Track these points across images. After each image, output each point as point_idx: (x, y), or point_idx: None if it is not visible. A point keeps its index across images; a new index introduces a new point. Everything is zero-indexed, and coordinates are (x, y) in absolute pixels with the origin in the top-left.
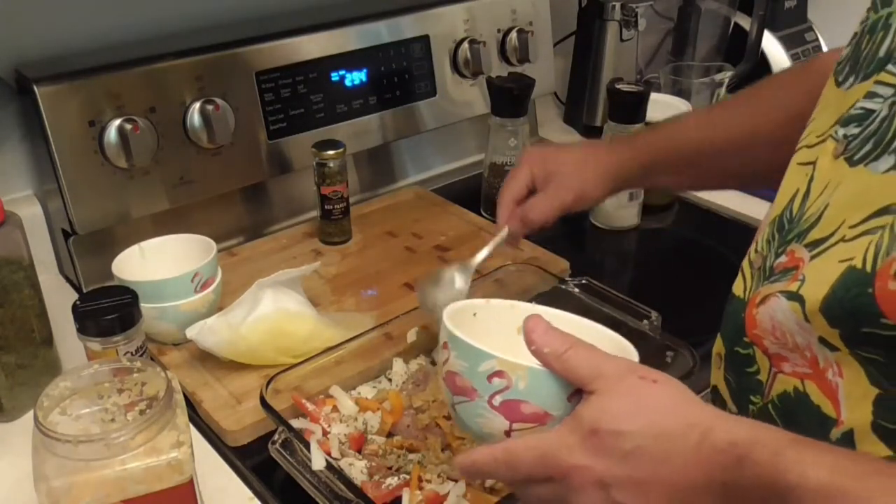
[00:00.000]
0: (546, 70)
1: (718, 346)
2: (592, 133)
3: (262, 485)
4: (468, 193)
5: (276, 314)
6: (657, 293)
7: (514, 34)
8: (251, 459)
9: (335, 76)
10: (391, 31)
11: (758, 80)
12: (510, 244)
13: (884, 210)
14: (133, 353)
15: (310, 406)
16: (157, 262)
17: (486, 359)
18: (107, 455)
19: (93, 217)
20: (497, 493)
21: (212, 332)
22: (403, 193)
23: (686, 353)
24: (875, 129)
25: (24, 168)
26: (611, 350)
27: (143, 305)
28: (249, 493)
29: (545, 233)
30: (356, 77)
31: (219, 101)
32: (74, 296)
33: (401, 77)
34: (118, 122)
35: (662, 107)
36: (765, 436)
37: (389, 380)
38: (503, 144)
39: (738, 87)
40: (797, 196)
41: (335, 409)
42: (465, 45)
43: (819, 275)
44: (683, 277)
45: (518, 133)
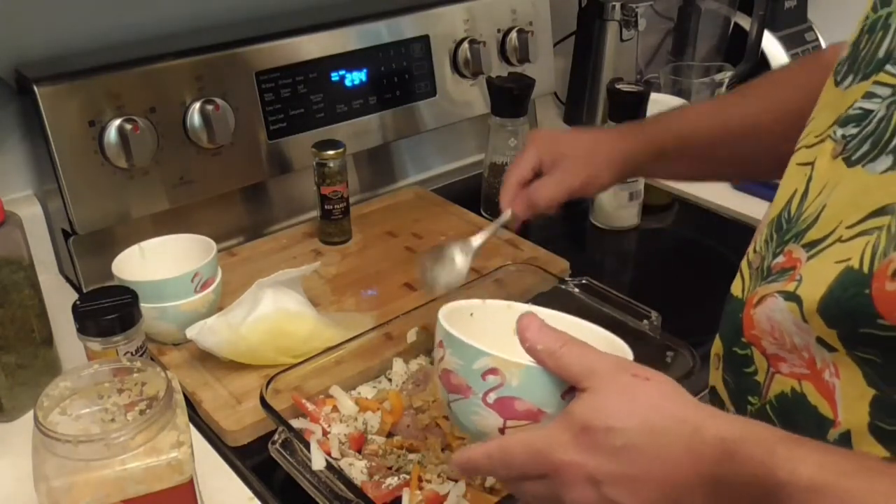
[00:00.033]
0: (546, 70)
1: (717, 347)
2: None
3: (262, 485)
4: (468, 193)
5: (276, 314)
6: (657, 293)
7: (514, 34)
8: (251, 459)
9: (335, 76)
10: (391, 31)
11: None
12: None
13: (881, 210)
14: (133, 353)
15: (310, 406)
16: (157, 262)
17: (480, 356)
18: (107, 455)
19: (93, 217)
20: (497, 493)
21: (212, 332)
22: (403, 193)
23: (686, 354)
24: (873, 130)
25: (24, 168)
26: (605, 349)
27: (143, 305)
28: (249, 493)
29: (545, 233)
30: (356, 77)
31: (219, 101)
32: (74, 296)
33: (401, 77)
34: (118, 122)
35: (662, 107)
36: (755, 432)
37: (389, 380)
38: (503, 144)
39: None
40: (795, 196)
41: (335, 409)
42: (465, 45)
43: (816, 275)
44: (683, 277)
45: (518, 133)
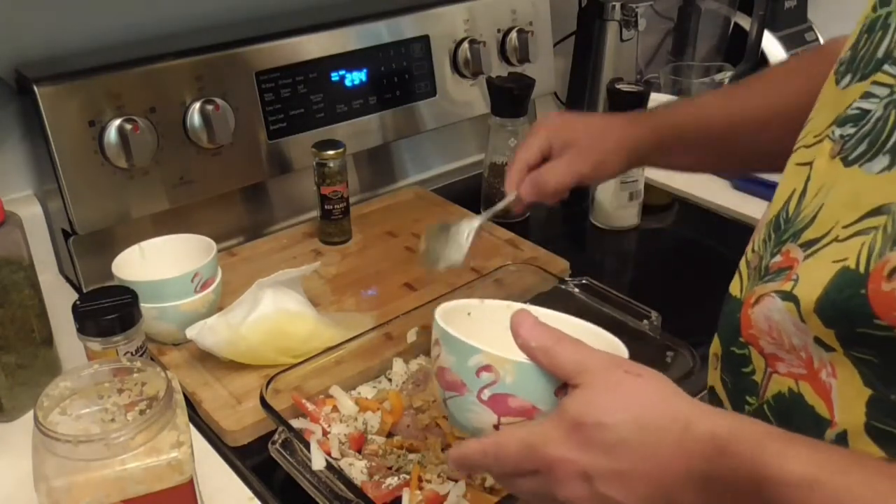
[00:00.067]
0: (546, 70)
1: (715, 347)
2: None
3: (262, 485)
4: (468, 193)
5: (276, 314)
6: (657, 293)
7: (514, 34)
8: (251, 459)
9: (335, 76)
10: (391, 31)
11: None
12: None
13: (877, 210)
14: (133, 353)
15: (310, 406)
16: (157, 262)
17: (474, 353)
18: (107, 455)
19: (93, 217)
20: (497, 493)
21: (212, 332)
22: (403, 193)
23: (686, 354)
24: (870, 130)
25: (24, 168)
26: (600, 347)
27: (143, 305)
28: (249, 493)
29: (545, 233)
30: (356, 77)
31: (219, 101)
32: (74, 296)
33: (401, 77)
34: (118, 122)
35: None
36: (746, 428)
37: (389, 380)
38: (503, 144)
39: None
40: (794, 196)
41: (335, 409)
42: (465, 45)
43: (812, 275)
44: (683, 277)
45: (518, 133)
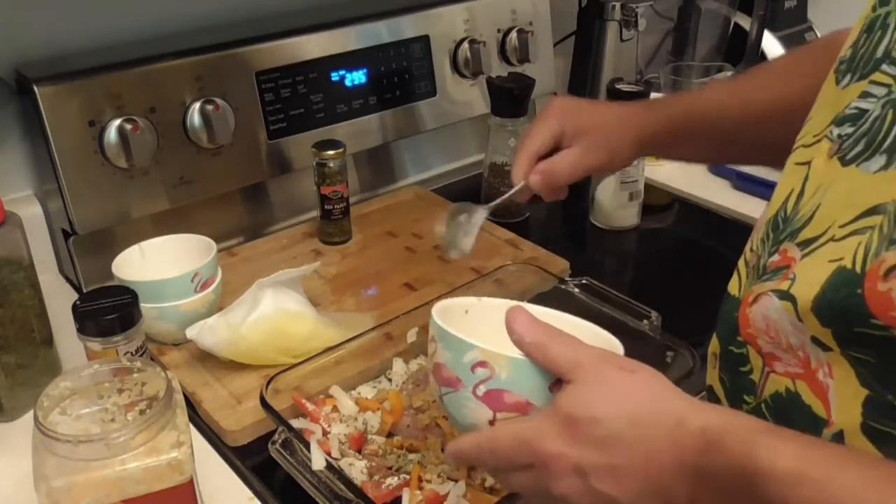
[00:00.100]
0: (546, 70)
1: (714, 346)
2: None
3: (262, 485)
4: (468, 193)
5: (276, 314)
6: (657, 293)
7: (514, 34)
8: (251, 459)
9: (335, 76)
10: (391, 31)
11: None
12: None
13: (873, 210)
14: (133, 353)
15: (310, 406)
16: (157, 262)
17: (469, 349)
18: (107, 455)
19: (93, 217)
20: (497, 493)
21: (212, 332)
22: (403, 193)
23: (686, 353)
24: (867, 129)
25: (24, 168)
26: (596, 345)
27: (143, 305)
28: (249, 493)
29: (545, 233)
30: (356, 77)
31: (219, 101)
32: (74, 296)
33: (401, 77)
34: (118, 122)
35: None
36: (736, 423)
37: (389, 380)
38: (503, 144)
39: None
40: (792, 195)
41: (335, 409)
42: (465, 45)
43: (809, 274)
44: (683, 277)
45: (518, 133)
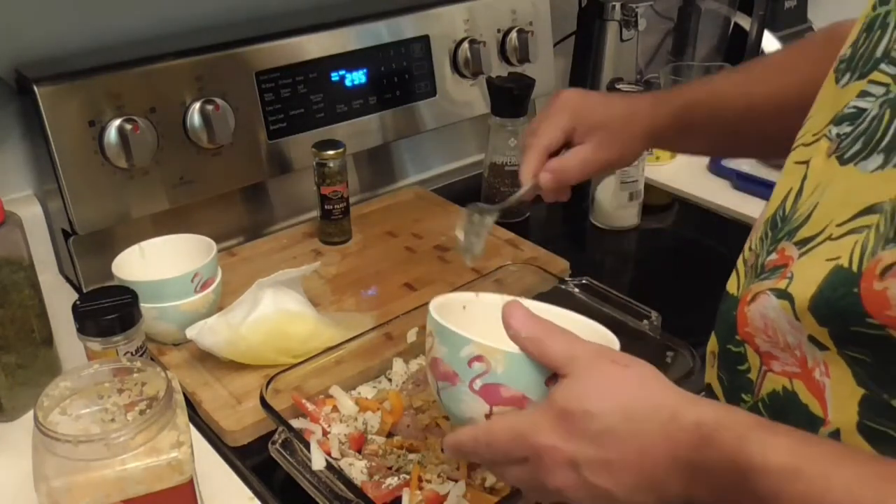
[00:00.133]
0: (546, 70)
1: (712, 345)
2: None
3: (262, 485)
4: (468, 193)
5: (276, 314)
6: (657, 293)
7: (514, 34)
8: (251, 459)
9: (335, 76)
10: (391, 31)
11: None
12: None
13: (869, 209)
14: (133, 353)
15: (310, 406)
16: (157, 262)
17: (466, 344)
18: (107, 455)
19: (93, 217)
20: (497, 493)
21: (212, 332)
22: (403, 193)
23: (686, 354)
24: (865, 129)
25: (24, 168)
26: (593, 339)
27: (143, 305)
28: (249, 493)
29: (545, 233)
30: (356, 77)
31: (219, 101)
32: (74, 296)
33: (401, 77)
34: (118, 122)
35: None
36: (730, 418)
37: (389, 380)
38: (503, 144)
39: None
40: (790, 194)
41: (335, 409)
42: (465, 45)
43: (806, 273)
44: (683, 277)
45: (518, 133)
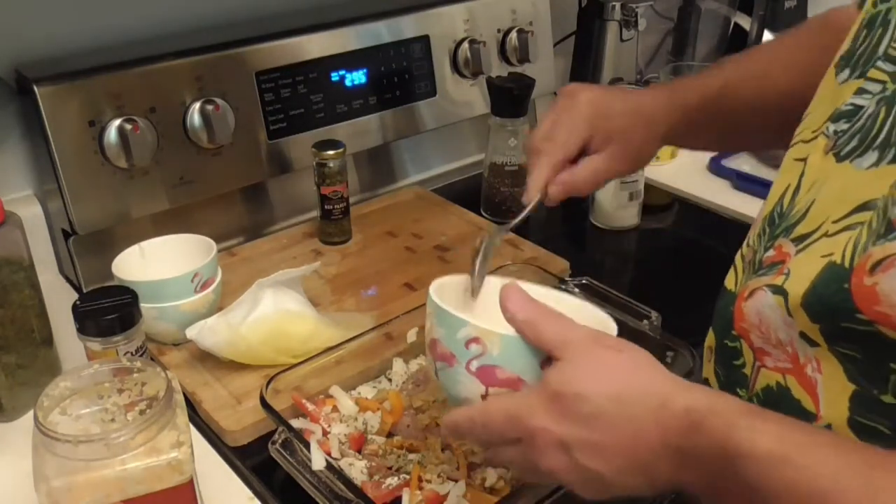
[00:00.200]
0: (546, 70)
1: (710, 340)
2: None
3: (262, 485)
4: (468, 193)
5: (277, 314)
6: (657, 293)
7: (514, 34)
8: (251, 459)
9: (335, 76)
10: (391, 31)
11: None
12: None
13: (864, 206)
14: (133, 353)
15: (310, 406)
16: (157, 262)
17: (463, 326)
18: (107, 455)
19: (93, 217)
20: (497, 493)
21: (212, 332)
22: (403, 193)
23: (686, 353)
24: (862, 126)
25: (24, 168)
26: (591, 324)
27: (143, 305)
28: (249, 493)
29: (545, 233)
30: (356, 77)
31: (219, 101)
32: (74, 296)
33: (401, 77)
34: (118, 122)
35: None
36: (720, 404)
37: (389, 380)
38: (503, 144)
39: None
40: (788, 191)
41: (335, 409)
42: (465, 45)
43: (802, 269)
44: (683, 277)
45: (518, 133)
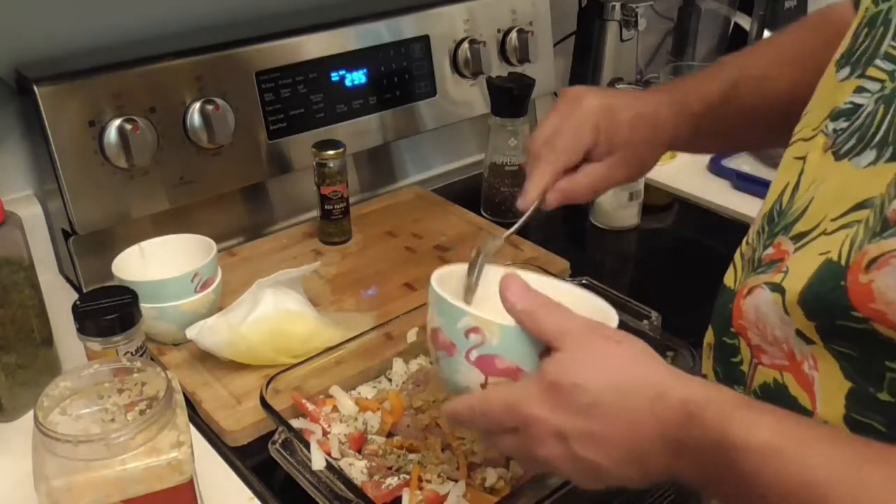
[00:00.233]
0: (546, 70)
1: (709, 337)
2: None
3: (262, 485)
4: (468, 193)
5: (277, 314)
6: (657, 293)
7: (514, 34)
8: (251, 459)
9: (335, 76)
10: (391, 31)
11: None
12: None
13: (861, 204)
14: (133, 353)
15: (310, 406)
16: (157, 262)
17: (463, 315)
18: (107, 455)
19: (93, 217)
20: (497, 493)
21: (212, 332)
22: (403, 193)
23: (686, 353)
24: (860, 124)
25: (24, 168)
26: (592, 315)
27: (143, 305)
28: (249, 493)
29: (545, 233)
30: (356, 77)
31: (219, 101)
32: (74, 296)
33: (401, 77)
34: (118, 122)
35: None
36: (717, 396)
37: (389, 380)
38: (503, 144)
39: None
40: (787, 189)
41: (335, 409)
42: (465, 45)
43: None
44: (683, 277)
45: (518, 133)
